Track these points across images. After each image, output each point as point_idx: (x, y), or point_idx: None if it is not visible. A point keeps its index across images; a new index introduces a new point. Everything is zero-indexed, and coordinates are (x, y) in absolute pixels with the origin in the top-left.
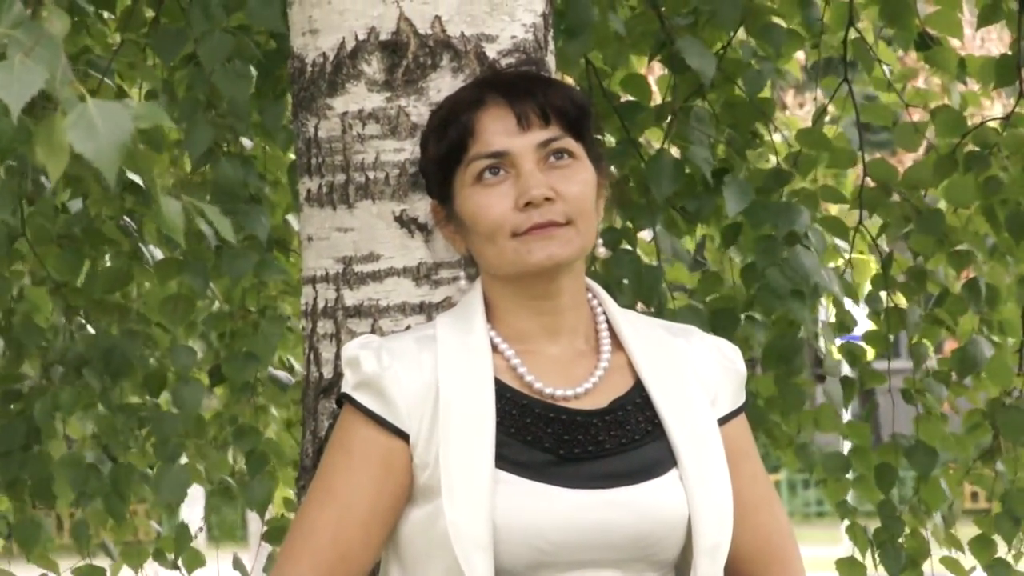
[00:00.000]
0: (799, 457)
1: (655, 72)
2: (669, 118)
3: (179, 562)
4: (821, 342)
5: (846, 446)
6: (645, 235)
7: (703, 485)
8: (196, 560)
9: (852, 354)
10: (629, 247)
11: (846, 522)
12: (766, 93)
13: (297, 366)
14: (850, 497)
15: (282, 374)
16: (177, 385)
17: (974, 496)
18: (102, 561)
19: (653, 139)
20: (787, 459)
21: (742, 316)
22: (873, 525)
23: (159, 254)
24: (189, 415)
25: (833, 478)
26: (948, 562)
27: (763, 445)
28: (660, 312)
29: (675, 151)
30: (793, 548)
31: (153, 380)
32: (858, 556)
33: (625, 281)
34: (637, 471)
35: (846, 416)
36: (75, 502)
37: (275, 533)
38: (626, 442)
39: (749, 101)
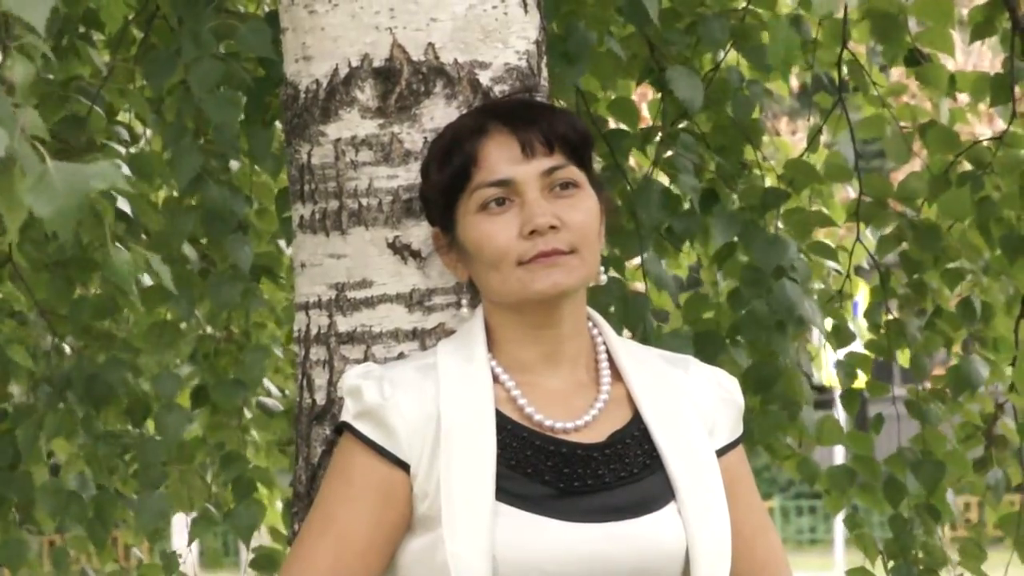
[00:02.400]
0: (800, 470)
1: (647, 95)
2: (657, 139)
3: None
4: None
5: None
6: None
7: (701, 518)
8: None
9: (854, 367)
10: (616, 275)
11: (835, 537)
12: (755, 115)
13: (274, 389)
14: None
15: (270, 401)
16: (160, 412)
17: (967, 506)
18: None
19: (642, 163)
20: (788, 470)
21: (726, 340)
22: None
23: (148, 281)
24: (172, 442)
25: (837, 491)
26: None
27: (760, 472)
28: (646, 340)
29: (662, 176)
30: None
31: (137, 408)
32: (868, 566)
33: (612, 309)
34: (636, 505)
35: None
36: (58, 527)
37: (263, 560)
38: (625, 475)
39: (737, 125)
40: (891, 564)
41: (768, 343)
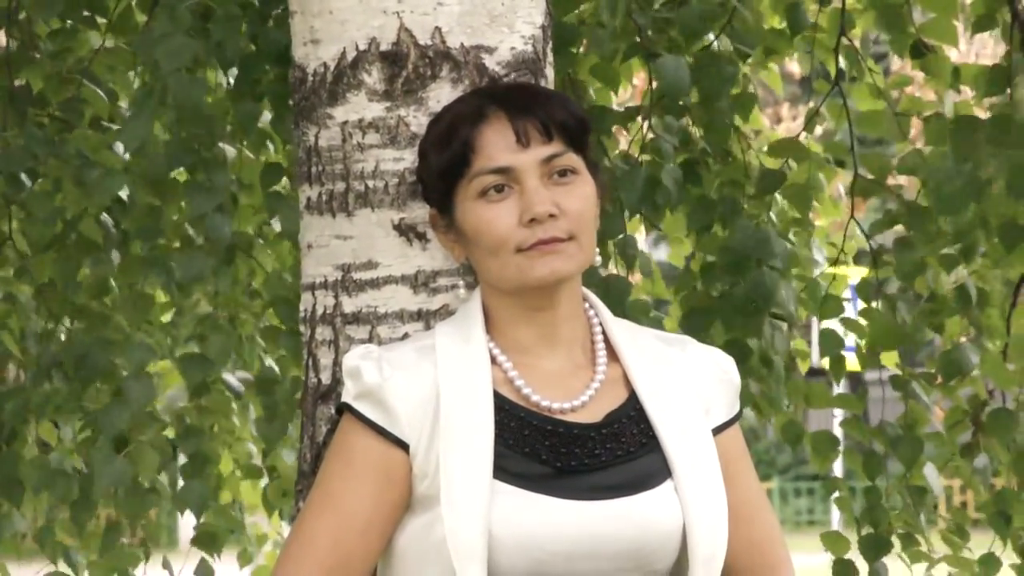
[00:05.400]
0: (784, 432)
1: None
2: (642, 122)
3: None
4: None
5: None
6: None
7: (698, 496)
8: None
9: (837, 340)
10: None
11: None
12: (736, 89)
13: (271, 364)
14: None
15: (235, 380)
16: (127, 380)
17: (963, 505)
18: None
19: (612, 147)
20: (775, 426)
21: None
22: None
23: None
24: (137, 411)
25: (819, 455)
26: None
27: (759, 454)
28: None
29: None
30: (785, 556)
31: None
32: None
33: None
34: (633, 483)
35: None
36: (45, 506)
37: (205, 538)
38: (622, 454)
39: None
40: (859, 538)
41: (744, 326)
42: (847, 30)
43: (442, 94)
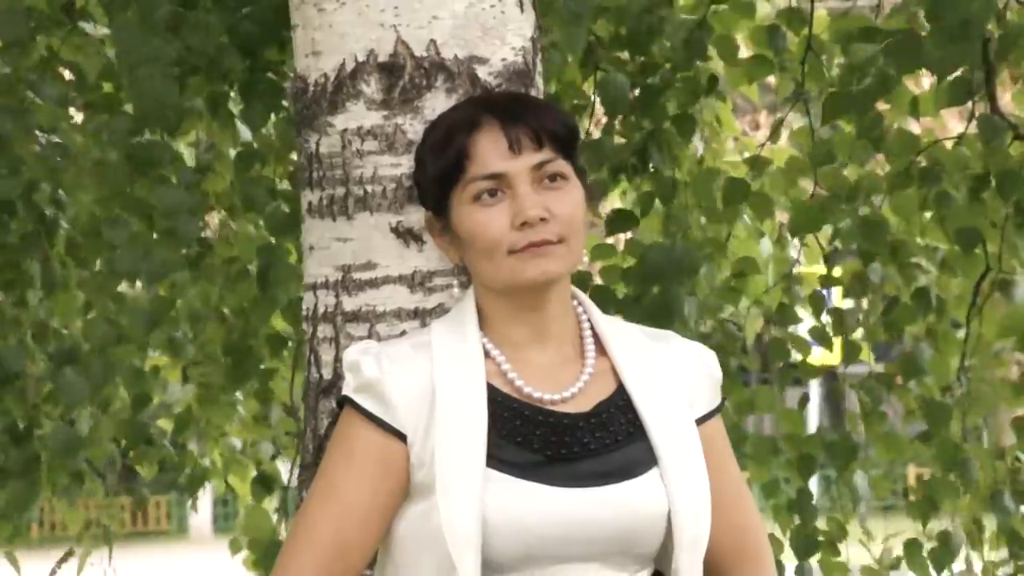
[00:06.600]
0: (731, 434)
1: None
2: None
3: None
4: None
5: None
6: None
7: (682, 482)
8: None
9: (827, 337)
10: None
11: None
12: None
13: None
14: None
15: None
16: (86, 356)
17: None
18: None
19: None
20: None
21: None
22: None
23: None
24: (95, 386)
25: (759, 460)
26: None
27: (738, 445)
28: None
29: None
30: (764, 543)
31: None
32: (778, 533)
33: None
34: (620, 470)
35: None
36: None
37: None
38: (609, 443)
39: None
40: (791, 536)
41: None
42: (815, 47)
43: (437, 103)
